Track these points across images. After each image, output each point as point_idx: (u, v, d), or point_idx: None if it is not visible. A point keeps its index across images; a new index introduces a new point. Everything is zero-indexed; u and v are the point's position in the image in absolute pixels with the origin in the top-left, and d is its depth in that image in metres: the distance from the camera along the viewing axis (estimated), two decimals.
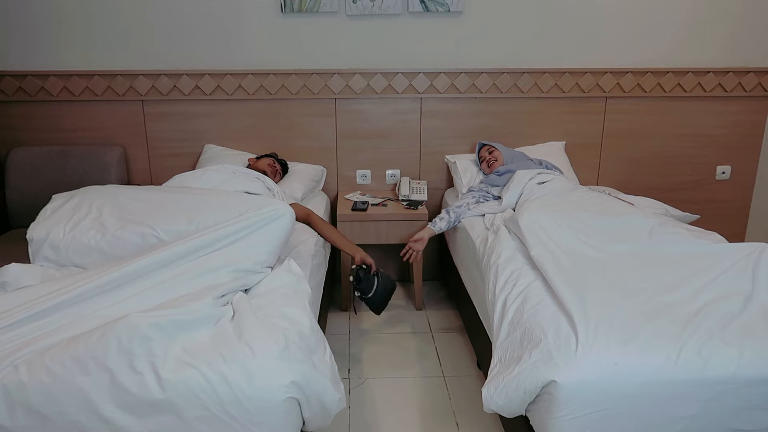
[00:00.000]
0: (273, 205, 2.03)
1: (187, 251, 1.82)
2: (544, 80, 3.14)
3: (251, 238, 1.93)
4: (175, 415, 1.41)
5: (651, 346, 1.53)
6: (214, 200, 2.12)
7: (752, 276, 1.82)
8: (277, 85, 3.07)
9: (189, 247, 1.83)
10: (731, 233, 3.30)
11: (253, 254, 1.90)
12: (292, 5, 2.98)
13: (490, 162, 2.92)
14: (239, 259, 1.86)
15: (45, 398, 1.40)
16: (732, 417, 1.51)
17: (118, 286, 1.71)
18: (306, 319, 1.67)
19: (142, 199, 2.15)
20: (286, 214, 2.01)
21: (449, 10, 3.02)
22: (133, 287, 1.72)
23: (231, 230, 1.91)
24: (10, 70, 2.98)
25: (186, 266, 1.81)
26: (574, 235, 2.11)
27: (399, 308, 3.09)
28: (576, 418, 1.48)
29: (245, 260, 1.87)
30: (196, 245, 1.84)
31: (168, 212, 2.05)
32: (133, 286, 1.72)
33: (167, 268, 1.79)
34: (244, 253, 1.89)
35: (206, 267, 1.82)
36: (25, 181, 2.93)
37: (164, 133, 3.12)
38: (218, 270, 1.81)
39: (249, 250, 1.90)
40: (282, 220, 1.99)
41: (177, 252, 1.81)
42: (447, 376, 2.44)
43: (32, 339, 1.53)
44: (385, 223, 2.86)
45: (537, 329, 1.66)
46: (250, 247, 1.91)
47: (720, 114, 3.29)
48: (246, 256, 1.88)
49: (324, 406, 1.55)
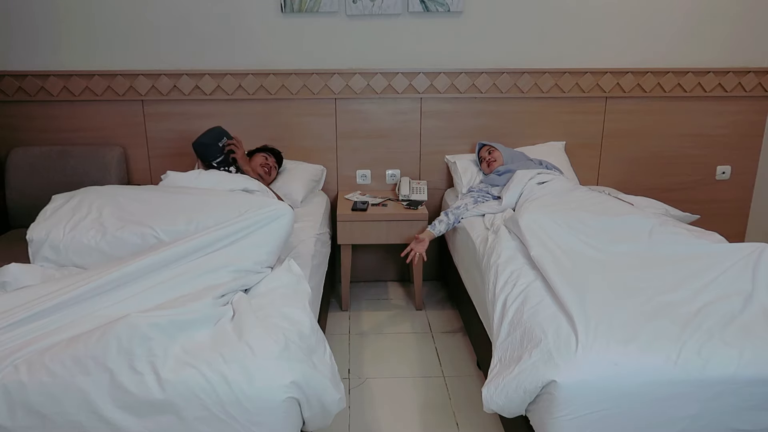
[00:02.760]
0: (273, 204, 2.03)
1: (186, 252, 1.82)
2: (544, 80, 3.14)
3: (251, 238, 1.93)
4: (175, 415, 1.41)
5: (651, 346, 1.53)
6: (214, 200, 2.12)
7: (752, 276, 1.82)
8: (277, 85, 3.07)
9: (189, 248, 1.83)
10: (731, 233, 3.30)
11: (253, 254, 1.90)
12: (292, 5, 2.98)
13: (490, 162, 2.92)
14: (239, 259, 1.86)
15: (45, 398, 1.40)
16: (732, 417, 1.51)
17: (118, 286, 1.71)
18: (306, 319, 1.67)
19: (142, 200, 2.15)
20: (286, 214, 2.01)
21: (449, 10, 3.02)
22: (133, 287, 1.72)
23: (231, 230, 1.91)
24: (10, 70, 2.98)
25: (186, 266, 1.81)
26: (574, 235, 2.11)
27: (399, 308, 3.09)
28: (576, 418, 1.48)
29: (245, 260, 1.87)
30: (196, 246, 1.84)
31: (168, 212, 2.05)
32: (133, 286, 1.72)
33: (167, 269, 1.79)
34: (244, 253, 1.89)
35: (206, 267, 1.82)
36: (25, 181, 2.93)
37: (164, 133, 3.12)
38: (218, 270, 1.81)
39: (249, 250, 1.90)
40: (282, 219, 1.99)
41: (177, 252, 1.81)
42: (447, 376, 2.44)
43: (32, 339, 1.53)
44: (385, 223, 2.86)
45: (537, 329, 1.66)
46: (250, 247, 1.91)
47: (720, 114, 3.29)
48: (246, 256, 1.88)
49: (324, 406, 1.55)
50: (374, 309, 3.08)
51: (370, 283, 3.41)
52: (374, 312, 3.05)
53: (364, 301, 3.18)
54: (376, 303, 3.16)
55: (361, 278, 3.41)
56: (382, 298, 3.23)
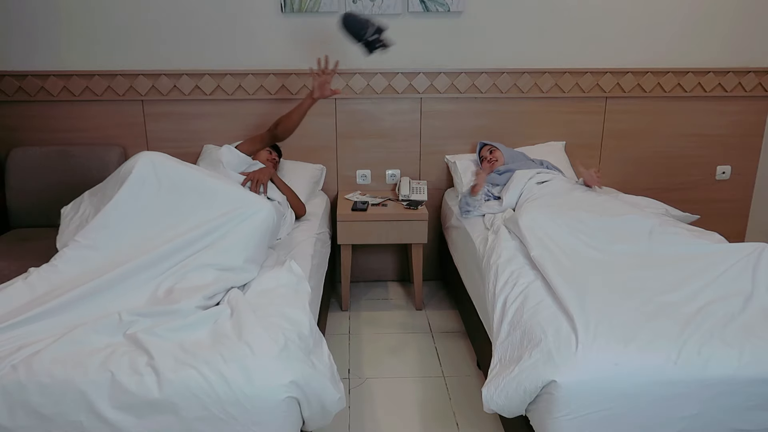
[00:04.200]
0: (250, 201, 2.07)
1: (168, 254, 1.87)
2: (544, 80, 3.14)
3: (232, 235, 1.96)
4: (175, 415, 1.42)
5: (651, 346, 1.53)
6: (197, 200, 2.09)
7: (752, 276, 1.82)
8: (277, 85, 3.07)
9: (169, 250, 1.87)
10: (731, 233, 3.30)
11: (237, 251, 1.93)
12: (292, 5, 2.98)
13: (491, 161, 2.92)
14: (223, 257, 1.90)
15: (45, 399, 1.40)
16: (732, 417, 1.51)
17: (109, 288, 1.75)
18: (305, 320, 1.68)
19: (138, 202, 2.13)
20: (263, 209, 2.05)
21: (449, 10, 3.02)
22: (121, 289, 1.76)
23: (209, 228, 1.95)
24: (10, 70, 2.98)
25: (172, 269, 1.86)
26: (574, 235, 2.11)
27: (399, 308, 3.09)
28: (576, 418, 1.48)
29: (230, 258, 1.91)
30: (177, 247, 1.89)
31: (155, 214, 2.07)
32: (121, 288, 1.77)
33: (152, 270, 1.83)
34: (228, 251, 1.92)
35: (192, 266, 1.86)
36: (25, 181, 2.92)
37: (164, 133, 3.12)
38: (203, 268, 1.86)
39: (232, 247, 1.94)
40: (259, 214, 2.03)
41: (160, 255, 1.85)
42: (447, 376, 2.44)
43: (32, 340, 1.53)
44: (385, 223, 2.86)
45: (537, 329, 1.66)
46: (232, 245, 1.94)
47: (720, 114, 3.29)
48: (230, 254, 1.92)
49: (324, 405, 1.56)
50: (374, 309, 3.08)
51: (370, 283, 3.41)
52: (374, 312, 3.05)
53: (364, 301, 3.18)
54: (376, 303, 3.16)
55: (361, 278, 3.41)
56: (382, 298, 3.23)
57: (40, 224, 2.90)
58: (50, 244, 2.48)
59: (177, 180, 2.06)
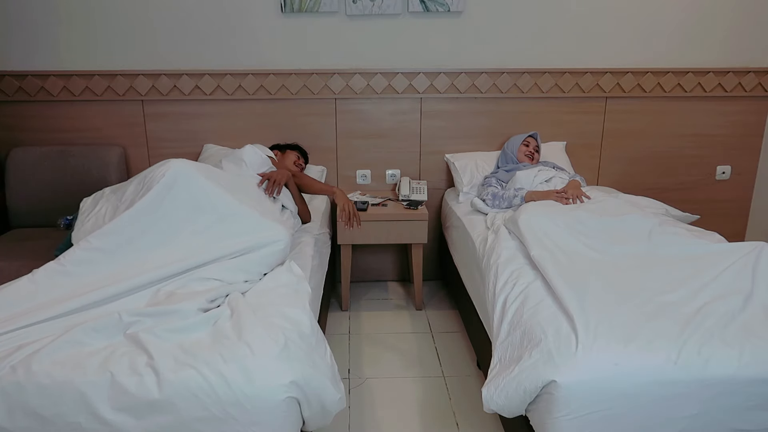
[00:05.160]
0: (269, 230, 2.04)
1: (178, 272, 1.88)
2: (544, 80, 3.14)
3: (243, 261, 1.95)
4: (175, 415, 1.41)
5: (651, 346, 1.53)
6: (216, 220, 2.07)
7: (752, 275, 1.82)
8: (277, 85, 3.07)
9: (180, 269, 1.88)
10: (731, 233, 3.30)
11: (243, 275, 1.93)
12: (292, 5, 2.98)
13: (533, 153, 2.93)
14: (230, 275, 1.91)
15: (44, 400, 1.40)
16: (732, 417, 1.51)
17: (114, 299, 1.75)
18: (306, 319, 1.67)
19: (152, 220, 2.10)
20: (281, 240, 2.02)
21: (449, 10, 3.02)
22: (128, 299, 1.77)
23: (224, 254, 1.94)
24: (10, 70, 2.98)
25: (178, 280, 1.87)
26: (574, 235, 2.11)
27: (399, 308, 3.09)
28: (576, 418, 1.48)
29: (236, 277, 1.91)
30: (188, 267, 1.89)
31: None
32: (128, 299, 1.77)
33: (161, 283, 1.84)
34: (236, 274, 1.92)
35: (196, 277, 1.87)
36: (25, 181, 2.93)
37: (164, 133, 3.12)
38: (207, 281, 1.87)
39: (239, 271, 1.93)
40: (277, 245, 2.01)
41: (169, 272, 1.86)
42: (447, 376, 2.44)
43: (31, 339, 1.53)
44: (385, 223, 2.86)
45: (537, 329, 1.66)
46: (240, 269, 1.94)
47: (720, 114, 3.29)
48: (237, 276, 1.92)
49: (324, 405, 1.55)
50: (374, 309, 3.08)
51: (370, 283, 3.41)
52: (374, 312, 3.05)
53: (364, 301, 3.18)
54: (376, 303, 3.16)
55: (361, 278, 3.41)
56: (382, 298, 3.23)
57: (39, 224, 2.90)
58: (50, 244, 2.49)
59: (200, 196, 2.03)
